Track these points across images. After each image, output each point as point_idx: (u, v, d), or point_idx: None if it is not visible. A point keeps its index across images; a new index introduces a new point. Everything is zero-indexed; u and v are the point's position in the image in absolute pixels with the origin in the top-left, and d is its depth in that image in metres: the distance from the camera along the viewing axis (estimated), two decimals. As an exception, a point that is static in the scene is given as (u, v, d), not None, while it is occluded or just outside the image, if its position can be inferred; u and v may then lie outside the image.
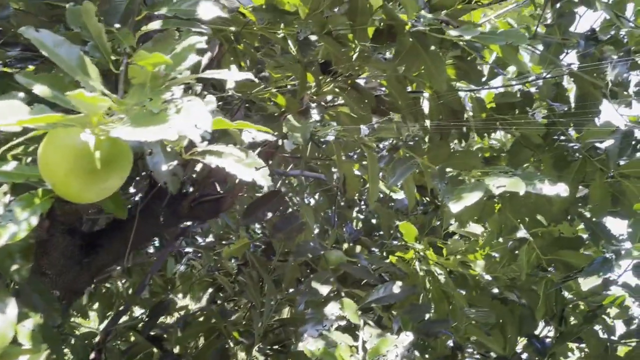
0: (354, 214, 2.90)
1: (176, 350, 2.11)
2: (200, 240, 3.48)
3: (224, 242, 3.23)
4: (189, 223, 2.98)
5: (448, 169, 1.43)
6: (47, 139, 0.86)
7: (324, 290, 1.47)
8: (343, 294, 1.53)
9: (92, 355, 1.87)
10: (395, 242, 2.46)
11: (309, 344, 1.29)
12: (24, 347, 0.81)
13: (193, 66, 0.84)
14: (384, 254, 2.34)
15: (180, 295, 3.20)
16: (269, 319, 2.18)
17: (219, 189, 1.90)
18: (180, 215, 1.71)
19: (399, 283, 1.53)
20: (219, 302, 3.00)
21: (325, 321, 1.41)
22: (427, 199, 2.28)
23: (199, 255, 3.34)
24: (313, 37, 1.44)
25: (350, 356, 1.32)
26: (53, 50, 0.86)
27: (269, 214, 1.65)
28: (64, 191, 0.86)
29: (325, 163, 2.30)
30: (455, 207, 1.18)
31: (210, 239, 3.44)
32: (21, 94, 1.09)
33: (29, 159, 1.04)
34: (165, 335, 2.05)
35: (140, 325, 2.06)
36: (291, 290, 2.22)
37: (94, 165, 0.84)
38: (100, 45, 0.97)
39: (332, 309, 1.44)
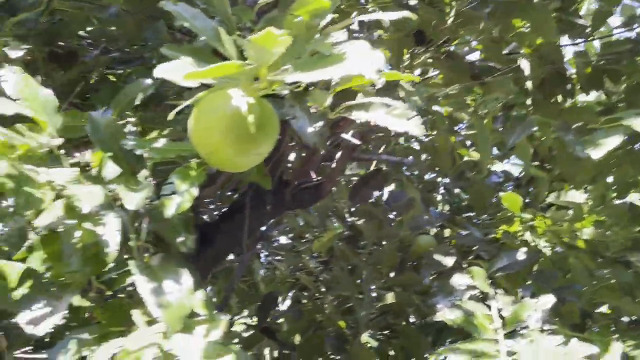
0: (439, 197, 2.83)
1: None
2: (279, 241, 3.48)
3: (302, 240, 3.22)
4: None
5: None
6: (197, 109, 0.86)
7: (449, 261, 1.42)
8: (465, 265, 1.48)
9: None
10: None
11: (447, 314, 1.24)
12: (201, 318, 0.80)
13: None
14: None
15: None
16: (371, 306, 2.14)
17: (314, 177, 1.88)
18: (284, 203, 1.70)
19: (523, 249, 1.47)
20: (304, 301, 2.99)
21: (455, 292, 1.36)
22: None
23: (278, 258, 3.35)
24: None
25: (489, 324, 1.26)
26: (191, 21, 0.86)
27: (374, 193, 1.62)
28: (219, 159, 0.85)
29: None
30: (596, 153, 1.12)
31: (285, 241, 3.44)
32: (148, 81, 1.10)
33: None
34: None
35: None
36: (392, 275, 2.17)
37: (248, 130, 0.82)
38: (226, 19, 0.96)
39: (459, 280, 1.39)
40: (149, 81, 1.08)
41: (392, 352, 2.02)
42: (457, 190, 2.72)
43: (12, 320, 0.92)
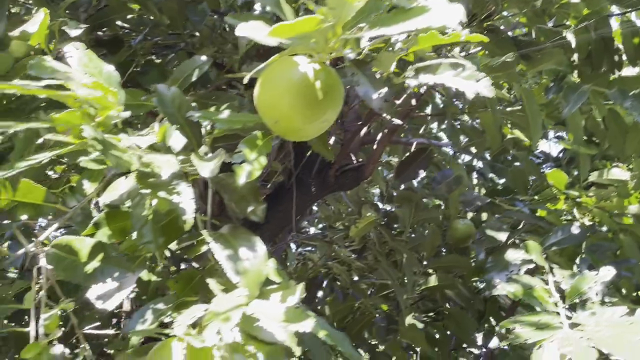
0: (474, 180, 2.80)
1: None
2: (309, 232, 3.47)
3: (333, 228, 3.20)
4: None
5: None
6: (264, 78, 0.85)
7: (502, 236, 1.40)
8: (517, 241, 1.46)
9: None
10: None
11: (505, 287, 1.22)
12: (275, 286, 0.79)
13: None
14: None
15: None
16: (413, 290, 2.13)
17: (354, 159, 1.87)
18: (328, 184, 1.69)
19: (577, 224, 1.44)
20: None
21: (511, 267, 1.34)
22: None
23: (308, 249, 3.34)
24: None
25: (548, 297, 1.24)
26: (254, -10, 0.85)
27: (421, 172, 1.60)
28: (286, 127, 0.85)
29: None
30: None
31: (315, 231, 3.43)
32: (204, 57, 1.10)
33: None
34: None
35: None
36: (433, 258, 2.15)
37: (316, 96, 0.81)
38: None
39: (513, 256, 1.37)
40: (204, 58, 1.07)
41: (437, 335, 2.01)
42: (491, 175, 2.69)
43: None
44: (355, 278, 2.65)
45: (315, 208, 3.23)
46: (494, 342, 2.29)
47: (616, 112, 1.65)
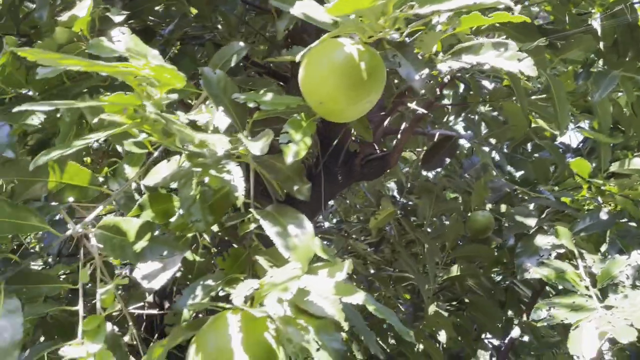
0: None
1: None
2: (326, 225, 3.48)
3: (348, 221, 3.22)
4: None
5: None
6: (308, 59, 0.87)
7: (531, 222, 1.41)
8: (545, 227, 1.47)
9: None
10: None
11: (538, 271, 1.23)
12: (322, 262, 0.81)
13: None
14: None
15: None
16: (435, 280, 2.14)
17: (377, 149, 1.88)
18: (354, 173, 1.71)
19: (606, 210, 1.45)
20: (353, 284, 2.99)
21: (541, 251, 1.35)
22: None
23: (325, 242, 3.34)
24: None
25: (579, 281, 1.25)
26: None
27: (447, 159, 1.61)
28: (330, 108, 0.86)
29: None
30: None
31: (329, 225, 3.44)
32: (241, 43, 1.11)
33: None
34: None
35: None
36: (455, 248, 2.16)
37: (360, 77, 0.83)
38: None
39: (542, 241, 1.38)
40: (241, 44, 1.09)
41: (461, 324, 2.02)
42: (509, 168, 2.69)
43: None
44: (372, 271, 2.66)
45: (330, 202, 3.25)
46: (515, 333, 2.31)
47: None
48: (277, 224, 0.79)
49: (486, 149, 2.59)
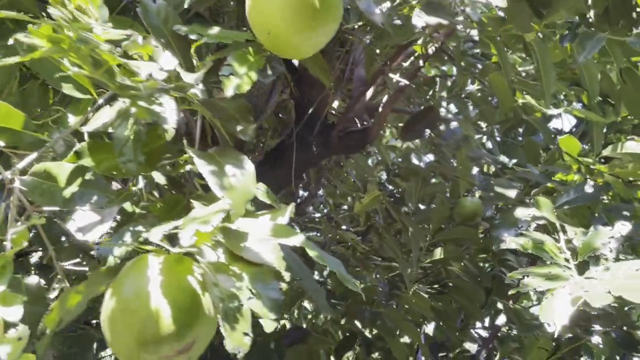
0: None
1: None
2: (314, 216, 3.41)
3: (338, 208, 3.15)
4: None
5: None
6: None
7: (511, 194, 1.33)
8: (527, 200, 1.39)
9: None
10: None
11: (514, 240, 1.16)
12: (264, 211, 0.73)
13: None
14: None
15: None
16: (418, 264, 2.06)
17: (359, 124, 1.81)
18: (330, 146, 1.63)
19: (591, 182, 1.37)
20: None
21: (520, 223, 1.27)
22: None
23: (313, 233, 3.27)
24: None
25: (559, 253, 1.17)
26: None
27: (427, 131, 1.54)
28: (280, 41, 0.79)
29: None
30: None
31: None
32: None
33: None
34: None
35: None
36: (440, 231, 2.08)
37: (312, 6, 0.75)
38: None
39: (522, 213, 1.30)
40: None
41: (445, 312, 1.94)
42: (502, 158, 2.61)
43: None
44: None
45: (320, 193, 3.18)
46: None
47: (634, 72, 1.57)
48: (213, 163, 0.72)
49: (479, 136, 2.52)
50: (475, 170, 2.40)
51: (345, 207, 3.19)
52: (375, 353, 1.83)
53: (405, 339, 2.00)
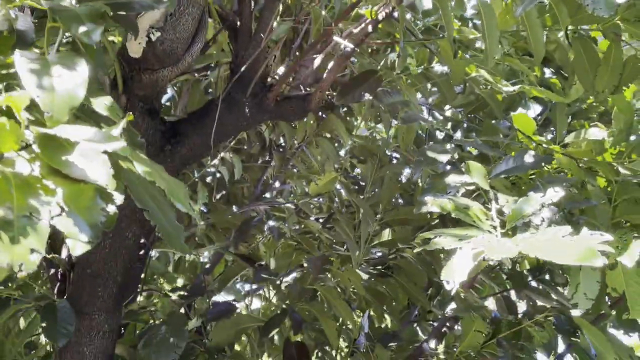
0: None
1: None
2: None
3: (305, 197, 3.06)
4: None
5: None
6: None
7: (443, 158, 1.23)
8: (462, 168, 1.29)
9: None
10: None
11: (435, 201, 1.06)
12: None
13: None
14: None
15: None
16: (367, 245, 1.97)
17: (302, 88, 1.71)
18: (266, 109, 1.53)
19: (532, 152, 1.28)
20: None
21: (450, 189, 1.18)
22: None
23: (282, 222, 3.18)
24: None
25: (485, 219, 1.07)
26: None
27: (366, 95, 1.44)
28: None
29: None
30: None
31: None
32: None
33: None
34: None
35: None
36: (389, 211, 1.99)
37: None
38: None
39: (454, 179, 1.20)
40: None
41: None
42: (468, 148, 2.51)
43: None
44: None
45: (288, 187, 3.09)
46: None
47: (586, 42, 1.48)
48: (38, 63, 0.61)
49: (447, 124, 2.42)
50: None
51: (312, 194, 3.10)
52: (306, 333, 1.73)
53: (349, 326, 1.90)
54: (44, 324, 1.24)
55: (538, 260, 1.93)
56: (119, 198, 0.61)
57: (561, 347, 1.59)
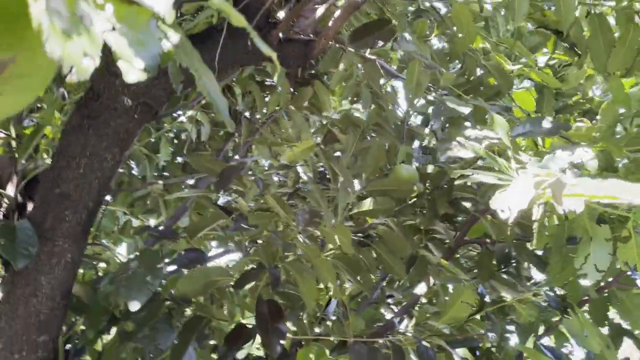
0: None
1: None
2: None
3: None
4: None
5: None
6: None
7: (464, 110, 1.16)
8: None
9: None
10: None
11: (465, 144, 0.99)
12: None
13: None
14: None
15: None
16: (345, 212, 1.88)
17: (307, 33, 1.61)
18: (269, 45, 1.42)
19: (549, 118, 1.23)
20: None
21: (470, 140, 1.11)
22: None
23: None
24: None
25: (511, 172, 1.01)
26: None
27: (380, 42, 1.35)
28: None
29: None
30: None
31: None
32: None
33: None
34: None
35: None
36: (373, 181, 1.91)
37: None
38: None
39: (473, 132, 1.14)
40: None
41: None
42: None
43: None
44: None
45: (250, 160, 2.98)
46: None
47: (604, 20, 1.46)
48: None
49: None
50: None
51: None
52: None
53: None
54: (1, 242, 1.08)
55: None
56: (174, 37, 0.51)
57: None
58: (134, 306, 1.11)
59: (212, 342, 1.61)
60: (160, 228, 1.74)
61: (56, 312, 1.21)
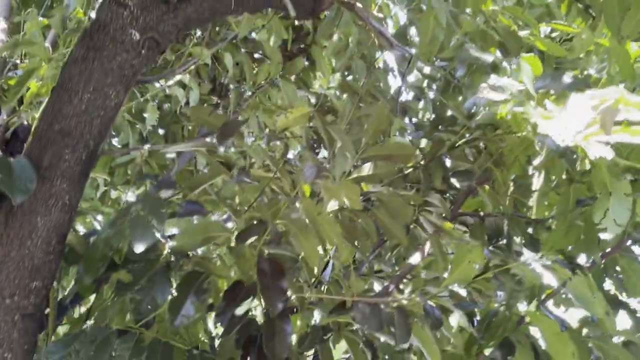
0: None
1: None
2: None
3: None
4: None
5: None
6: None
7: (488, 58, 1.13)
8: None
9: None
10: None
11: (494, 87, 0.95)
12: None
13: None
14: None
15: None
16: (342, 180, 1.83)
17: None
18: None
19: (570, 73, 1.21)
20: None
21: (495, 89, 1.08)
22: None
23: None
24: None
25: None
26: None
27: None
28: None
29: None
30: None
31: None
32: None
33: None
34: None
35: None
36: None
37: None
38: None
39: (497, 80, 1.11)
40: None
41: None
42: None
43: None
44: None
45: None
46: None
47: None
48: None
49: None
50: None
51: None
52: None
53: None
54: (-2, 176, 1.01)
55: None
56: None
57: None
58: (139, 248, 1.05)
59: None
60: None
61: (51, 257, 1.14)
